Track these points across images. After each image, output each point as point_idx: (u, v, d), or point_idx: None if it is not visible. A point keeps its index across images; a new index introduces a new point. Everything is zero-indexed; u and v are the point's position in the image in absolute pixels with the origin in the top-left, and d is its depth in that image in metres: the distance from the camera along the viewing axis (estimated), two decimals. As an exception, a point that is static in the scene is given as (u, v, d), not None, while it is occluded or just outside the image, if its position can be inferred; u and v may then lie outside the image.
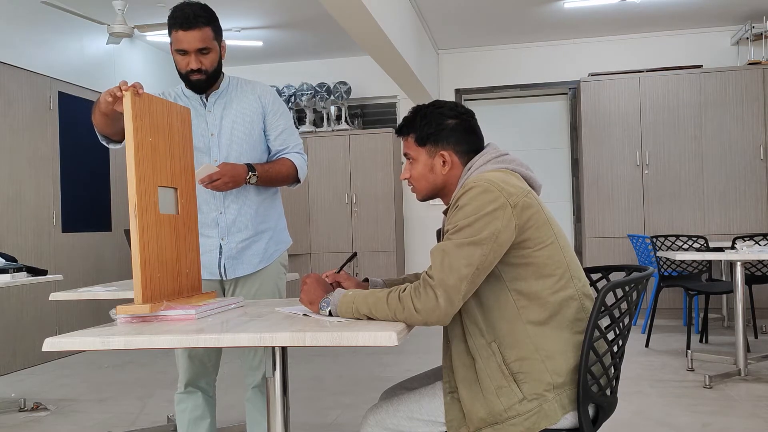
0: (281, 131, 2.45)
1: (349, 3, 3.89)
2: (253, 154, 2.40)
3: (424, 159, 1.78)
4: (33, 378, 4.87)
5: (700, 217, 6.45)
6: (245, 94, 2.43)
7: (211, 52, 2.31)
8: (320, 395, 4.06)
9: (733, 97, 6.41)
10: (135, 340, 1.42)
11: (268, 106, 2.44)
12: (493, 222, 1.54)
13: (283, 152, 2.46)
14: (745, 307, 4.08)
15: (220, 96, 2.41)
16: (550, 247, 1.62)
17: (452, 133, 1.76)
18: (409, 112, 1.84)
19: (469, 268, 1.52)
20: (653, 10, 6.28)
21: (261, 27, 6.47)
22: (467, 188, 1.60)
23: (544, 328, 1.60)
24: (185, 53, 2.29)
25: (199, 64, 2.29)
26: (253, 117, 2.41)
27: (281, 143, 2.46)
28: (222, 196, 2.36)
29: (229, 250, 2.38)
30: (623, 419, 3.34)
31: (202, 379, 2.45)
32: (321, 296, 1.66)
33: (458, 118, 1.78)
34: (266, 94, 2.46)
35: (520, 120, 7.54)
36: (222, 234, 2.38)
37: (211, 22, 2.30)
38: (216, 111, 2.39)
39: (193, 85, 2.35)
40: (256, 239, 2.42)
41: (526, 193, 1.62)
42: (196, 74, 2.31)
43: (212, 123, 2.38)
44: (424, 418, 1.68)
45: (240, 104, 2.41)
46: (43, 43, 5.54)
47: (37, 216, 5.36)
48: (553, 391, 1.57)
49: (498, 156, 1.75)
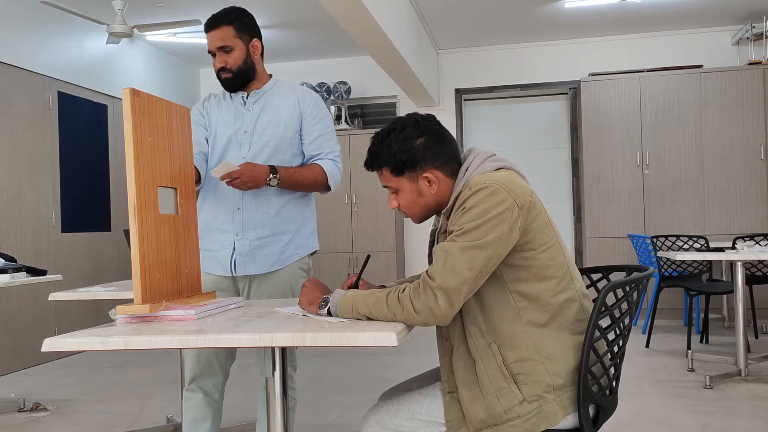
0: (316, 136, 2.43)
1: (349, 3, 3.89)
2: (283, 157, 2.40)
3: (407, 186, 1.71)
4: (32, 378, 4.86)
5: (700, 217, 6.44)
6: (286, 97, 2.45)
7: (234, 50, 2.36)
8: (320, 395, 4.05)
9: (734, 97, 6.41)
10: (134, 340, 1.42)
11: (307, 110, 2.44)
12: (499, 225, 1.53)
13: (316, 158, 2.44)
14: (745, 307, 4.08)
15: (260, 96, 2.44)
16: (552, 248, 1.62)
17: (426, 151, 1.68)
18: (370, 143, 1.74)
19: (471, 272, 1.51)
20: (653, 10, 6.28)
21: (261, 27, 6.45)
22: (476, 189, 1.57)
23: (545, 330, 1.59)
24: (213, 54, 2.37)
25: (223, 63, 2.36)
26: (289, 120, 2.41)
27: (315, 148, 2.44)
28: (240, 192, 2.35)
29: (242, 246, 2.36)
30: (623, 420, 3.34)
31: (207, 380, 2.43)
32: (320, 297, 1.66)
33: (424, 133, 1.69)
34: (306, 99, 2.45)
35: (520, 120, 7.54)
36: (237, 230, 2.37)
37: (235, 20, 2.35)
38: (254, 110, 2.42)
39: (223, 83, 2.41)
40: (273, 240, 2.39)
41: (530, 193, 1.61)
42: (223, 73, 2.38)
43: (247, 121, 2.41)
44: (425, 418, 1.68)
45: (278, 106, 2.43)
46: (43, 43, 5.53)
47: (36, 216, 5.35)
48: (553, 393, 1.56)
49: (491, 155, 1.72)
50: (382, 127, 1.75)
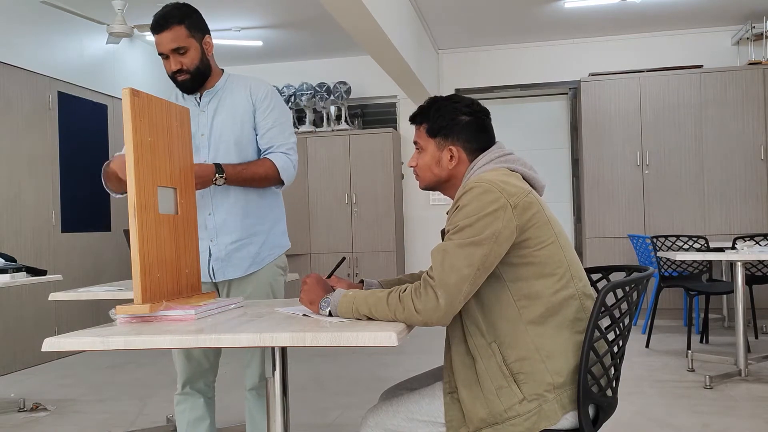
0: (268, 129, 2.35)
1: (349, 3, 3.88)
2: (243, 155, 2.32)
3: (432, 150, 1.79)
4: (32, 378, 4.86)
5: (700, 217, 6.44)
6: (238, 92, 2.36)
7: (189, 50, 2.25)
8: (320, 395, 4.05)
9: (734, 97, 6.41)
10: (134, 340, 1.42)
11: (258, 102, 2.34)
12: (494, 222, 1.54)
13: (268, 152, 2.35)
14: (745, 307, 4.08)
15: (213, 95, 2.35)
16: (551, 246, 1.62)
17: (464, 129, 1.77)
18: (426, 101, 1.84)
19: (470, 269, 1.52)
20: (653, 10, 6.28)
21: (261, 27, 6.47)
22: (468, 188, 1.60)
23: (545, 328, 1.59)
24: (166, 56, 2.26)
25: (179, 65, 2.25)
26: (244, 116, 2.33)
27: (267, 141, 2.35)
28: (210, 197, 2.30)
29: (218, 252, 2.33)
30: (623, 420, 3.34)
31: (200, 380, 2.43)
32: (321, 296, 1.66)
33: (472, 115, 1.79)
34: (258, 90, 2.36)
35: (520, 120, 7.54)
36: (211, 236, 2.32)
37: (184, 19, 2.24)
38: (209, 111, 2.34)
39: (180, 86, 2.31)
40: (247, 242, 2.35)
41: (526, 193, 1.62)
42: (179, 75, 2.28)
43: (203, 123, 2.33)
44: (424, 419, 1.67)
45: (231, 103, 2.34)
46: (43, 43, 5.53)
47: (36, 216, 5.35)
48: (553, 392, 1.56)
49: (502, 155, 1.76)
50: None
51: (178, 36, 2.23)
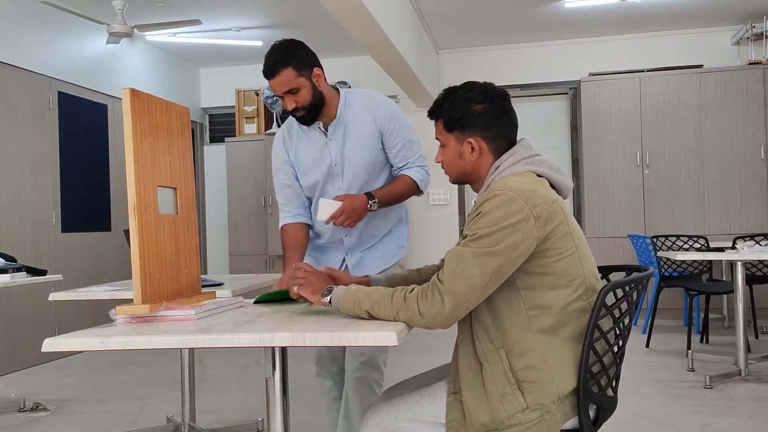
0: (400, 148, 2.48)
1: (349, 3, 3.88)
2: (373, 174, 2.48)
3: (453, 145, 1.76)
4: (32, 378, 4.86)
5: (700, 217, 6.44)
6: (360, 116, 2.45)
7: (301, 90, 2.33)
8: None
9: (734, 97, 6.41)
10: (134, 340, 1.42)
11: (384, 126, 2.45)
12: (513, 234, 1.51)
13: (404, 168, 2.51)
14: (745, 307, 4.08)
15: (338, 123, 2.44)
16: (569, 258, 1.59)
17: (480, 119, 1.73)
18: (440, 93, 1.82)
19: (482, 278, 1.50)
20: (653, 10, 6.28)
21: (261, 27, 6.47)
22: (492, 195, 1.56)
23: (554, 339, 1.58)
24: (281, 96, 2.37)
25: (293, 104, 2.35)
26: (372, 143, 2.45)
27: (401, 160, 2.50)
28: None
29: (352, 261, 2.55)
30: (623, 420, 3.34)
31: (331, 364, 2.71)
32: (323, 287, 1.66)
33: (487, 102, 1.75)
34: (380, 113, 2.45)
35: (520, 120, 7.46)
36: (347, 250, 2.55)
37: (291, 60, 2.31)
38: (336, 139, 2.44)
39: (299, 120, 2.42)
40: (378, 245, 2.56)
41: (551, 203, 1.58)
42: (296, 112, 2.38)
43: (335, 153, 2.44)
44: (425, 419, 1.67)
45: (357, 129, 2.44)
46: (43, 42, 5.53)
47: (36, 216, 5.35)
48: (557, 403, 1.55)
49: (529, 156, 1.71)
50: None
51: (288, 79, 2.31)
